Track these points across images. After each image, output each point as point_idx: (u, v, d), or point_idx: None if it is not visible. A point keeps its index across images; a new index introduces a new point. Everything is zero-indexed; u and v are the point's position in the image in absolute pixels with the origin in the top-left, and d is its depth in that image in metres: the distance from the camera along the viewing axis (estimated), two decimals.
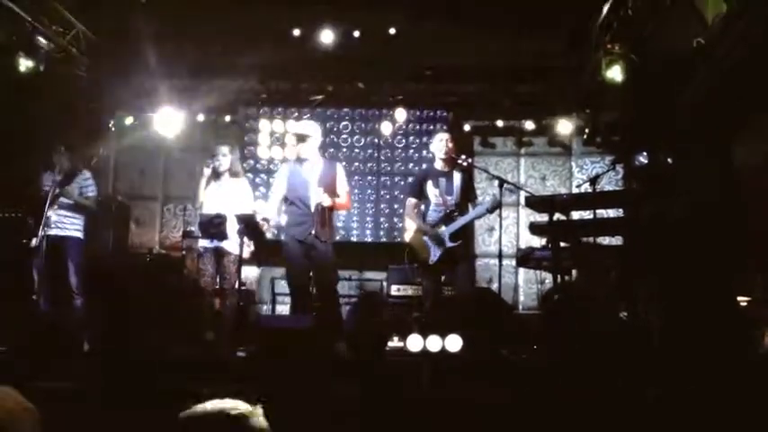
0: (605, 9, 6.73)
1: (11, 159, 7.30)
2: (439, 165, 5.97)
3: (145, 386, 3.94)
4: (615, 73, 6.80)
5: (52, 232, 6.03)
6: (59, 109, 7.52)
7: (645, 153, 7.14)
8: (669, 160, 6.65)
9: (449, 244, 5.74)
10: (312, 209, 5.59)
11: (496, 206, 5.77)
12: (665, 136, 6.95)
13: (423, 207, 5.96)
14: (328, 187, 5.69)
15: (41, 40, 6.90)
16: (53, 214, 6.04)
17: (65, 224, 6.12)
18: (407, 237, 6.15)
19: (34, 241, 5.93)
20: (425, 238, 5.82)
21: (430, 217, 5.88)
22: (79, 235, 6.22)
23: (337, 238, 7.74)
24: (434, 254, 5.77)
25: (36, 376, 4.07)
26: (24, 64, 6.85)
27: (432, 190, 5.88)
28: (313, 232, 5.57)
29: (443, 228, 5.77)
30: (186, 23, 7.45)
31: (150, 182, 8.59)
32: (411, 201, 6.03)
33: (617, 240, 7.24)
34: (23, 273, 6.05)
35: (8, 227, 6.41)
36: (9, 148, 7.36)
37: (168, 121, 7.90)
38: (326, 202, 5.60)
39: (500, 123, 8.31)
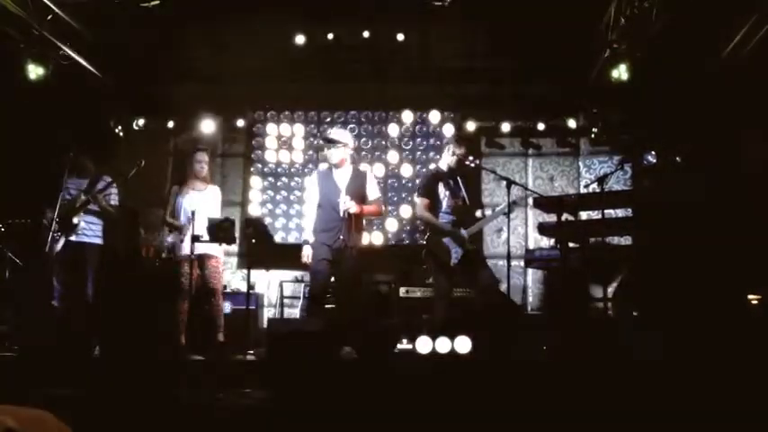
0: (612, 8, 6.72)
1: (20, 165, 7.36)
2: (445, 167, 6.09)
3: (148, 388, 3.97)
4: (621, 72, 6.79)
5: (74, 238, 6.06)
6: (67, 115, 7.55)
7: (653, 152, 7.11)
8: (678, 159, 6.62)
9: (469, 246, 5.85)
10: (341, 214, 5.65)
11: (512, 210, 5.92)
12: (673, 134, 6.93)
13: (436, 208, 6.01)
14: (356, 195, 5.76)
15: (49, 46, 6.95)
16: (81, 221, 6.07)
17: (86, 231, 6.15)
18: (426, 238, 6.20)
19: (58, 246, 5.96)
20: (446, 239, 5.88)
21: (443, 219, 5.96)
22: (99, 241, 6.25)
23: None
24: (455, 256, 5.83)
25: (45, 381, 4.09)
26: (34, 71, 6.89)
27: (443, 192, 5.98)
28: (342, 237, 5.63)
29: (462, 229, 5.86)
30: (193, 27, 7.49)
31: (158, 187, 8.60)
32: (423, 201, 6.06)
33: (626, 240, 7.23)
34: (40, 278, 6.09)
35: (23, 233, 6.45)
36: (18, 155, 7.42)
37: None
38: (353, 209, 5.66)
39: (507, 124, 8.28)
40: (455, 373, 4.81)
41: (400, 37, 7.58)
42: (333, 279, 5.89)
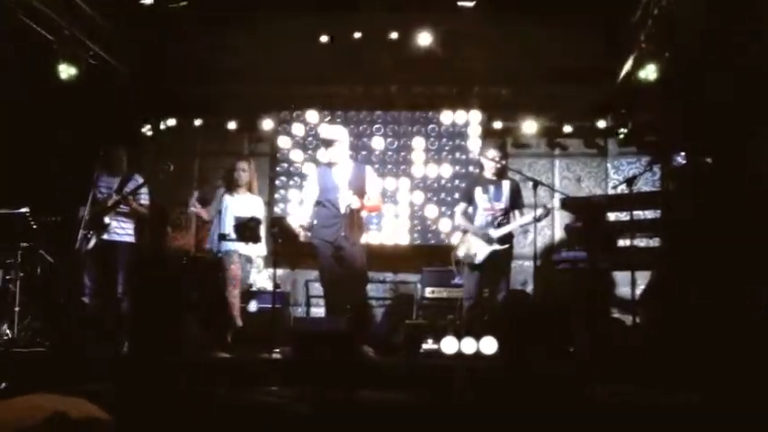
0: (640, 8, 6.66)
1: (51, 163, 7.47)
2: (488, 173, 6.34)
3: (170, 387, 4.00)
4: (649, 72, 6.72)
5: (106, 237, 6.17)
6: (96, 114, 7.63)
7: (683, 153, 7.04)
8: (708, 160, 6.55)
9: (496, 246, 6.05)
10: (342, 211, 5.69)
11: (546, 215, 6.12)
12: (701, 136, 6.85)
13: (471, 211, 6.33)
14: (358, 190, 5.80)
15: (80, 46, 7.02)
16: (112, 221, 6.18)
17: (118, 229, 6.26)
18: (456, 239, 6.51)
19: (90, 244, 6.07)
20: (473, 238, 6.12)
21: (477, 221, 6.23)
22: (131, 239, 6.37)
23: (372, 241, 7.79)
24: (481, 255, 6.07)
25: (75, 377, 4.15)
26: (66, 71, 6.97)
27: (480, 196, 6.23)
28: (342, 233, 5.67)
29: (492, 230, 6.11)
30: (221, 28, 7.53)
31: (185, 186, 8.66)
32: (461, 206, 6.42)
33: (654, 242, 7.14)
34: (71, 275, 6.19)
35: (55, 230, 6.55)
36: (48, 154, 7.53)
37: None
38: (356, 204, 5.71)
39: (534, 125, 8.21)
40: (480, 374, 4.80)
41: (426, 38, 7.55)
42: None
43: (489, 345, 5.43)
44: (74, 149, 7.41)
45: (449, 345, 5.48)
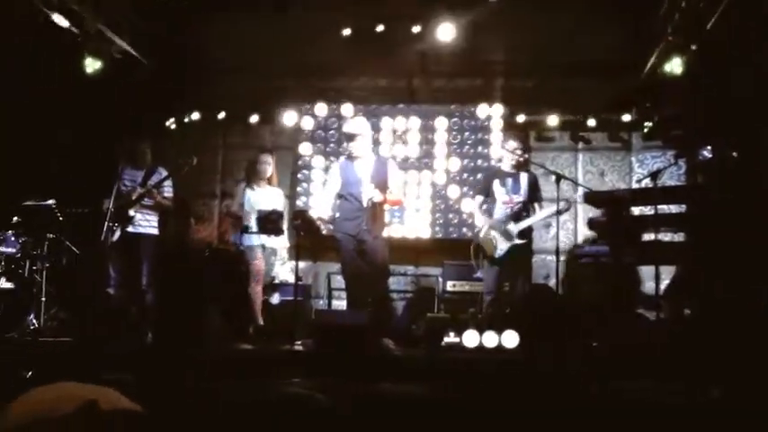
0: (666, 1, 6.58)
1: (76, 156, 7.55)
2: (506, 166, 6.32)
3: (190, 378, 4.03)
4: (675, 65, 6.64)
5: (130, 229, 6.22)
6: (121, 107, 7.70)
7: (709, 147, 6.96)
8: (735, 154, 6.47)
9: (516, 241, 6.02)
10: (364, 204, 5.70)
11: (567, 209, 6.10)
12: (728, 129, 6.75)
13: (489, 205, 6.31)
14: (380, 184, 5.80)
15: (104, 40, 7.08)
16: (137, 213, 6.24)
17: (142, 221, 6.32)
18: (475, 233, 6.40)
19: (114, 237, 6.13)
20: (493, 233, 6.07)
21: (496, 214, 6.19)
22: (155, 232, 6.43)
23: (395, 234, 7.80)
24: (501, 249, 6.03)
25: (99, 367, 4.19)
26: (91, 65, 7.03)
27: (499, 189, 6.19)
28: (364, 227, 5.68)
29: (511, 224, 6.06)
30: (241, 21, 7.56)
31: (208, 179, 8.73)
32: (478, 198, 6.40)
33: (679, 236, 7.07)
34: (96, 267, 6.27)
35: (81, 222, 6.63)
36: (73, 146, 7.61)
37: None
38: (377, 198, 5.72)
39: (557, 118, 8.15)
40: (501, 369, 4.79)
41: (448, 31, 7.51)
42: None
43: (511, 339, 5.42)
44: (98, 142, 7.47)
45: (470, 338, 5.47)
